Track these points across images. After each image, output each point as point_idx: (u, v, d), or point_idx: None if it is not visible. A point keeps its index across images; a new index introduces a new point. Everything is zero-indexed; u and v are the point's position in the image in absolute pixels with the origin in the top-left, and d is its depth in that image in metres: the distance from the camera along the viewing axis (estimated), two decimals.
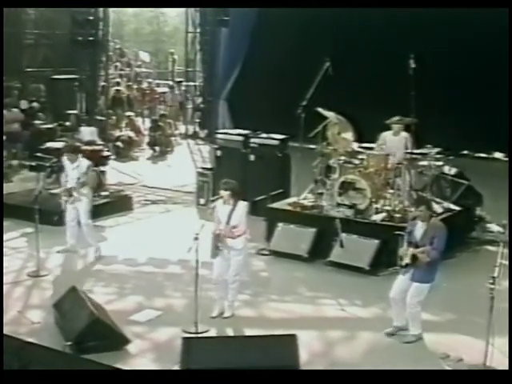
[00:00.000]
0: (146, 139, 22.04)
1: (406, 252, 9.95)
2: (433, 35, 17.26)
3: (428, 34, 17.31)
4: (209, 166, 16.55)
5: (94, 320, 9.55)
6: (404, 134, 13.63)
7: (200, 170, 16.22)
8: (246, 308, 11.28)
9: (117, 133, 21.45)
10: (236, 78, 22.29)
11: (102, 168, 15.90)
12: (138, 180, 18.43)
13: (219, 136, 16.33)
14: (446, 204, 13.78)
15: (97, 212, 15.05)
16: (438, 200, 13.82)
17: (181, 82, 24.41)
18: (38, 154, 15.23)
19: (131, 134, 21.24)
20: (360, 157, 13.67)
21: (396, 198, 13.37)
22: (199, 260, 10.29)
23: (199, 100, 23.08)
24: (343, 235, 12.82)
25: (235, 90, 22.46)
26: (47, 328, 10.19)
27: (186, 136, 22.73)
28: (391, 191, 13.52)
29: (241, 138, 15.81)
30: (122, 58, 29.34)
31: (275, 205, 13.97)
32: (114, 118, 22.57)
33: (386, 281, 11.10)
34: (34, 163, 15.29)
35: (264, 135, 15.83)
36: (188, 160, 19.68)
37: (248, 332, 10.40)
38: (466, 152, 19.41)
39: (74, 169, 13.01)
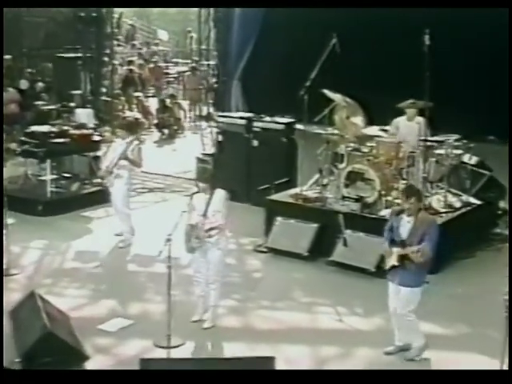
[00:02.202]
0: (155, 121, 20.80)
1: (390, 252, 8.63)
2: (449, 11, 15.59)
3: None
4: (210, 151, 15.21)
5: (46, 334, 8.36)
6: (419, 119, 12.20)
7: (200, 156, 14.94)
8: (231, 316, 10.08)
9: (124, 114, 20.19)
10: (249, 57, 20.91)
11: (92, 154, 14.68)
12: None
13: (220, 119, 15.02)
14: (465, 197, 12.40)
15: (86, 201, 14.10)
16: (456, 192, 12.45)
17: (198, 61, 23.10)
18: (23, 139, 14.01)
19: (138, 115, 20.00)
20: (369, 144, 12.30)
21: None
22: (171, 265, 9.07)
23: (213, 80, 21.75)
24: (347, 232, 11.52)
25: (248, 70, 21.10)
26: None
27: (199, 118, 21.42)
28: (403, 183, 12.14)
29: (243, 122, 14.50)
30: (135, 35, 28.10)
31: (275, 196, 12.67)
32: (122, 98, 21.34)
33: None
34: (19, 148, 14.07)
35: (268, 119, 14.50)
36: (198, 144, 18.36)
37: (229, 346, 9.25)
38: (488, 138, 17.66)
39: (122, 145, 12.31)
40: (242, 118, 14.71)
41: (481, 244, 12.29)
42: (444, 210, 11.98)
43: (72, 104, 18.79)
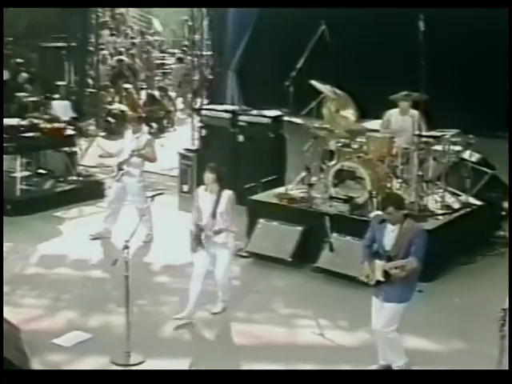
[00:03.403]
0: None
1: (373, 267, 7.67)
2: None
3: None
4: (193, 147, 14.21)
5: None
6: (413, 113, 11.19)
7: (183, 152, 13.96)
8: (203, 329, 9.11)
9: (110, 107, 19.22)
10: (246, 47, 19.87)
11: (67, 149, 13.73)
12: None
13: (204, 112, 14.02)
14: (465, 197, 11.42)
15: (60, 200, 13.18)
16: (455, 191, 11.47)
17: (184, 51, 22.11)
18: None
19: (124, 107, 19.02)
20: (359, 140, 11.32)
21: (403, 191, 11.00)
22: (129, 275, 8.12)
23: (207, 71, 20.77)
24: (334, 236, 10.55)
25: (244, 60, 20.10)
26: None
27: (192, 110, 20.40)
28: (398, 182, 11.18)
29: (228, 116, 13.50)
30: (127, 24, 27.13)
31: (257, 196, 11.70)
32: (112, 90, 20.36)
33: None
34: None
35: (254, 112, 13.51)
36: (188, 138, 17.36)
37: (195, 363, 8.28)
38: (497, 134, 16.48)
39: (133, 140, 11.65)
40: (226, 111, 13.72)
41: (482, 248, 11.32)
42: (441, 212, 11.01)
43: (57, 95, 17.88)
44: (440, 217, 10.86)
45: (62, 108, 15.84)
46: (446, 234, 10.69)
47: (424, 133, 11.07)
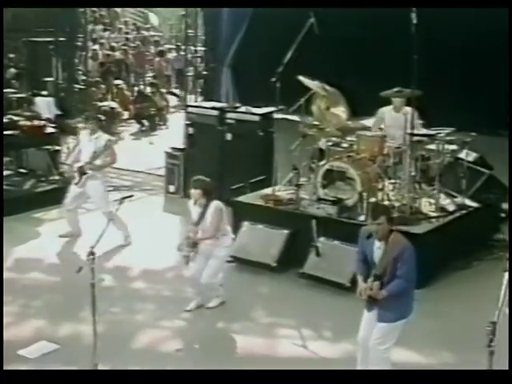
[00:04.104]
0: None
1: (362, 285, 7.19)
2: None
3: None
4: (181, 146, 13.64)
5: None
6: (407, 110, 10.63)
7: (169, 151, 13.42)
8: (177, 339, 8.59)
9: (99, 104, 18.67)
10: (240, 42, 19.30)
11: (50, 147, 13.22)
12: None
13: (191, 109, 13.46)
14: (461, 199, 10.84)
15: (39, 200, 12.66)
16: (450, 193, 10.91)
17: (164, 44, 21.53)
18: None
19: (114, 104, 18.49)
20: (349, 138, 10.78)
21: (395, 193, 10.46)
22: (96, 283, 7.58)
23: (201, 67, 20.25)
24: (321, 240, 10.00)
25: (240, 56, 19.53)
26: None
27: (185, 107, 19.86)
28: (390, 183, 10.63)
29: (215, 113, 12.95)
30: (119, 19, 26.55)
31: (242, 198, 11.15)
32: (103, 86, 19.83)
33: None
34: None
35: (243, 109, 12.95)
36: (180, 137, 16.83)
37: None
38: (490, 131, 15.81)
39: (92, 141, 11.16)
40: (214, 108, 13.15)
41: (479, 252, 10.75)
42: (435, 215, 10.44)
43: (44, 92, 17.33)
44: (433, 220, 10.29)
45: (45, 105, 15.27)
46: (440, 237, 10.16)
47: (417, 131, 10.52)
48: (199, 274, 8.99)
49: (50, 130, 13.29)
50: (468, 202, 10.88)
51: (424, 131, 10.65)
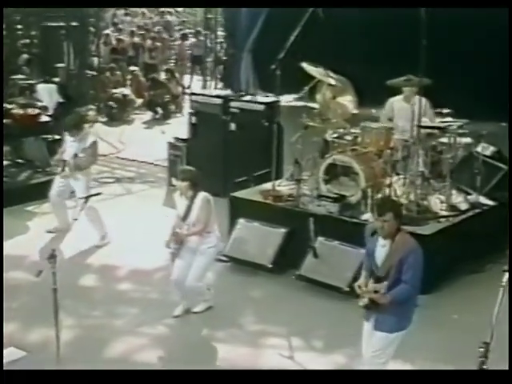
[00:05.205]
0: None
1: (363, 287, 6.48)
2: None
3: None
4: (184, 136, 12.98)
5: None
6: (417, 100, 9.84)
7: (172, 141, 12.78)
8: (156, 348, 7.96)
9: (112, 91, 18.05)
10: (262, 26, 18.54)
11: (50, 137, 12.67)
12: (118, 150, 15.07)
13: (194, 98, 12.76)
14: (475, 197, 10.06)
15: (35, 193, 12.06)
16: (464, 189, 10.14)
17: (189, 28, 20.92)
18: None
19: (126, 91, 17.87)
20: (353, 131, 10.05)
21: (403, 189, 9.71)
22: (57, 288, 6.96)
23: (221, 52, 19.59)
24: (320, 240, 9.30)
25: (260, 41, 18.78)
26: None
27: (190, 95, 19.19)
28: (397, 179, 9.89)
29: (219, 101, 12.25)
30: None
31: (240, 193, 10.46)
32: (118, 73, 19.21)
33: None
34: None
35: (248, 97, 12.25)
36: None
37: None
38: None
39: (74, 141, 10.55)
40: (218, 96, 12.47)
41: (493, 255, 9.90)
42: (446, 214, 9.67)
43: (56, 79, 16.77)
44: (443, 219, 9.53)
45: (46, 92, 14.66)
46: (450, 239, 9.41)
47: (429, 123, 9.77)
48: (184, 276, 8.36)
49: (44, 118, 12.68)
50: (483, 200, 10.11)
51: (438, 122, 9.87)
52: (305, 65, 10.32)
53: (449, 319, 8.53)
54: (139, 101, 18.41)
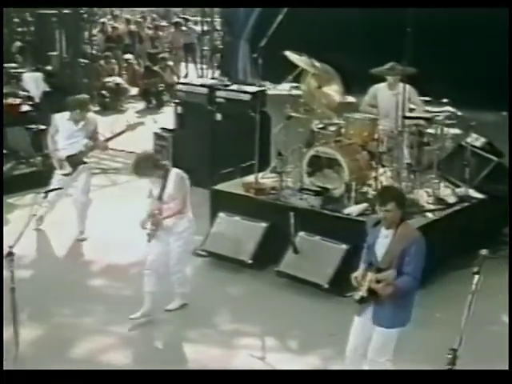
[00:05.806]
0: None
1: (360, 279, 6.22)
2: None
3: None
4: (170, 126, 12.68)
5: None
6: (402, 88, 9.49)
7: (158, 132, 12.48)
8: (121, 349, 7.67)
9: (105, 79, 17.75)
10: (259, 15, 18.21)
11: (34, 127, 12.38)
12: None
13: (179, 87, 12.46)
14: (464, 189, 9.71)
15: (16, 184, 11.79)
16: (453, 181, 9.81)
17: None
18: None
19: (119, 80, 17.57)
20: (336, 121, 9.72)
21: (388, 182, 9.39)
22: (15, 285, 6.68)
23: (218, 40, 19.26)
24: (300, 235, 8.99)
25: (258, 29, 18.43)
26: None
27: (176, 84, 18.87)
28: (383, 171, 9.56)
29: (205, 91, 11.94)
30: None
31: (220, 185, 10.15)
32: (113, 61, 18.92)
33: (352, 306, 7.02)
34: None
35: (234, 87, 11.93)
36: None
37: None
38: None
39: (80, 130, 10.13)
40: (203, 85, 12.16)
41: (482, 249, 9.56)
42: (433, 207, 9.35)
43: (49, 67, 16.49)
44: (429, 213, 9.19)
45: (32, 81, 14.36)
46: (437, 232, 9.04)
47: (418, 111, 9.44)
48: (160, 257, 8.08)
49: (27, 108, 12.39)
50: (472, 193, 9.77)
51: (425, 111, 9.54)
52: (288, 53, 10.01)
53: (432, 318, 8.20)
54: (134, 90, 18.09)
